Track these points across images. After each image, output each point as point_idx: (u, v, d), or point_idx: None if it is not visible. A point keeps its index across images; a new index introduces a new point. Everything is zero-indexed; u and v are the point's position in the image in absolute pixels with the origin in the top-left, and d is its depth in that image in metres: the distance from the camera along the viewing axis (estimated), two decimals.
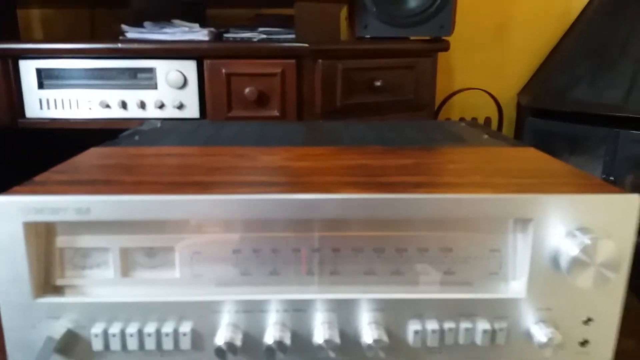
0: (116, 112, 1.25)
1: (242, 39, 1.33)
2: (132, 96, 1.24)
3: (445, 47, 1.39)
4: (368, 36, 1.32)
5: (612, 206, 0.42)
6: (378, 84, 1.24)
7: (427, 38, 1.38)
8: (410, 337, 0.44)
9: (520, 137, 1.56)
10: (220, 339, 0.43)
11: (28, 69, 1.22)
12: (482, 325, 0.43)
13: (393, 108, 1.30)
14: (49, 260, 0.44)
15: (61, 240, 0.44)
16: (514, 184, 0.46)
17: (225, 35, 1.38)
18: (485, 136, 0.66)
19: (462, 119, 1.73)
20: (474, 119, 1.69)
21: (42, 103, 1.25)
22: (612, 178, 1.31)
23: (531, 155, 0.56)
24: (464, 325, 0.43)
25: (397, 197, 0.42)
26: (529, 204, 0.42)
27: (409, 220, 0.44)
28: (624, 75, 1.30)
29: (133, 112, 1.24)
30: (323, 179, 0.47)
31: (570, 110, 1.38)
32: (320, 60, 1.18)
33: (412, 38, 1.36)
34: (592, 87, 1.36)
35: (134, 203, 0.41)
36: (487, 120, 1.67)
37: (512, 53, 1.66)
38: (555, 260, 0.42)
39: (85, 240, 0.44)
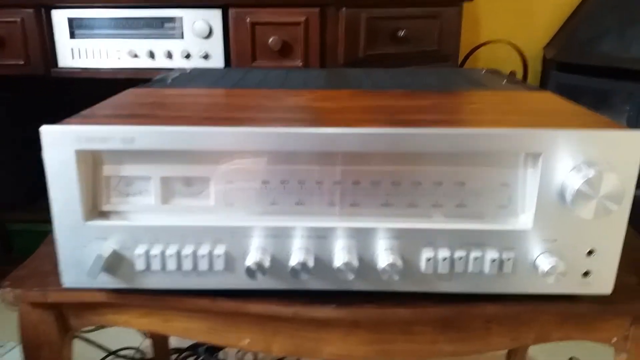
0: (144, 62, 1.28)
1: None
2: (160, 46, 1.27)
3: None
4: None
5: (617, 142, 0.44)
6: (401, 34, 1.25)
7: None
8: (422, 264, 0.48)
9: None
10: (250, 260, 0.47)
11: (60, 19, 1.26)
12: (491, 254, 0.47)
13: (416, 59, 1.31)
14: (96, 187, 0.49)
15: (107, 169, 0.48)
16: (526, 120, 0.48)
17: None
18: (504, 81, 0.68)
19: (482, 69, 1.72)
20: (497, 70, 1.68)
21: (74, 52, 1.29)
22: None
23: (547, 98, 0.58)
24: (474, 254, 0.47)
25: (414, 132, 0.45)
26: (538, 138, 0.44)
27: (425, 154, 0.47)
28: None
29: (160, 62, 1.27)
30: (344, 116, 0.50)
31: (596, 64, 1.37)
32: (344, 9, 1.18)
33: None
34: (619, 40, 1.33)
35: (173, 133, 0.45)
36: (512, 73, 1.66)
37: (539, 5, 1.63)
38: (561, 193, 0.45)
39: (129, 169, 0.48)
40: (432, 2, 1.31)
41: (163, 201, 0.49)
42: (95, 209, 0.49)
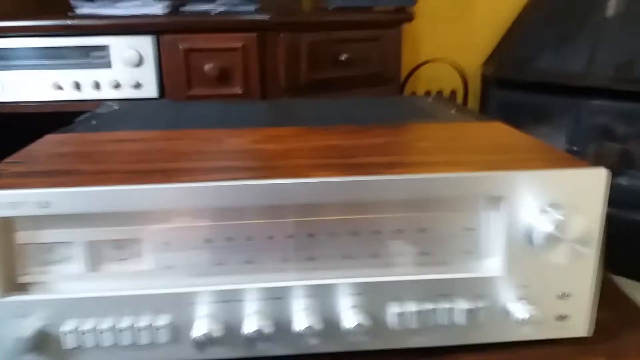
0: (69, 94, 1.19)
1: (200, 12, 1.29)
2: (86, 76, 1.18)
3: (410, 17, 1.38)
4: (332, 7, 1.29)
5: (581, 180, 0.42)
6: (343, 57, 1.22)
7: (392, 8, 1.37)
8: (389, 319, 0.44)
9: (485, 109, 1.57)
10: (198, 331, 0.41)
11: None
12: (461, 304, 0.43)
13: (359, 83, 1.29)
14: (9, 258, 0.42)
15: (21, 236, 0.42)
16: (483, 160, 0.45)
17: (182, 8, 1.33)
18: (453, 111, 0.66)
19: (427, 93, 1.73)
20: (440, 92, 1.70)
21: None
22: (575, 148, 1.35)
23: (498, 130, 0.56)
24: (443, 305, 0.43)
25: (370, 180, 0.41)
26: (498, 181, 0.41)
27: (382, 201, 0.43)
28: (586, 45, 1.32)
29: (87, 94, 1.19)
30: (294, 162, 0.46)
31: (534, 80, 1.40)
32: (282, 34, 1.15)
33: (376, 9, 1.34)
34: (554, 56, 1.37)
35: (96, 195, 0.39)
36: (453, 93, 1.68)
37: (477, 23, 1.66)
38: (529, 237, 0.42)
39: (47, 235, 0.42)
40: (372, 24, 1.30)
41: (90, 268, 0.43)
42: (11, 282, 0.42)
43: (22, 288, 0.42)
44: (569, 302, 0.45)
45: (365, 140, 0.52)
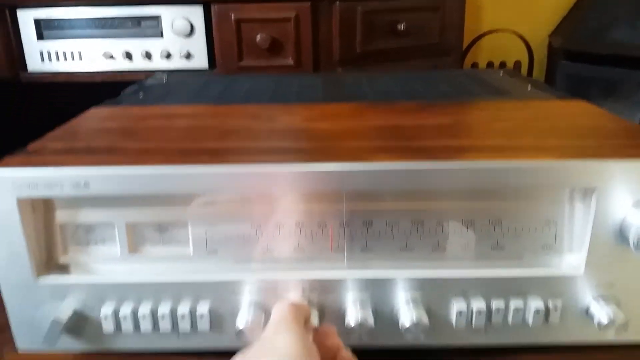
0: (121, 64, 1.18)
1: None
2: (137, 46, 1.17)
3: None
4: None
5: None
6: (401, 27, 1.15)
7: None
8: (453, 318, 0.39)
9: (551, 82, 1.47)
10: (242, 321, 0.38)
11: (26, 20, 1.15)
12: (535, 303, 0.39)
13: (417, 54, 1.22)
14: (50, 237, 0.40)
15: (61, 215, 0.39)
16: (572, 146, 0.40)
17: None
18: (529, 87, 0.59)
19: (490, 64, 1.63)
20: (503, 64, 1.60)
21: (44, 55, 1.19)
22: None
23: (584, 111, 0.50)
24: (514, 304, 0.39)
25: (437, 166, 0.36)
26: (591, 171, 0.36)
27: (451, 189, 0.38)
28: None
29: (138, 63, 1.17)
30: (350, 143, 0.41)
31: (607, 53, 1.29)
32: (337, 2, 1.09)
33: None
34: (629, 29, 1.26)
35: (137, 176, 0.36)
36: (517, 64, 1.57)
37: None
38: (620, 233, 0.37)
39: (87, 215, 0.39)
40: None
41: (131, 250, 0.40)
42: (50, 262, 0.40)
43: (62, 268, 0.40)
44: None
45: (431, 119, 0.47)
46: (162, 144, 0.42)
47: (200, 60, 1.16)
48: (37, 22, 1.16)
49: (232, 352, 0.36)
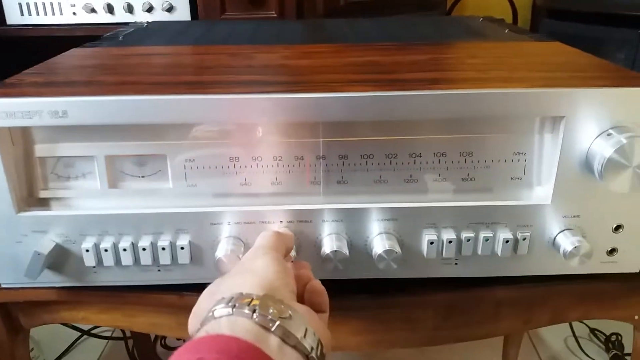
0: (102, 17, 1.16)
1: None
2: None
3: None
4: None
5: None
6: None
7: None
8: (424, 248, 0.41)
9: None
10: (221, 252, 0.40)
11: None
12: (504, 234, 0.40)
13: (402, 7, 1.20)
14: (30, 171, 0.40)
15: (41, 149, 0.40)
16: (542, 77, 0.41)
17: None
18: (507, 31, 0.60)
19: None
20: None
21: (23, 8, 1.16)
22: None
23: (558, 49, 0.51)
24: (484, 234, 0.40)
25: (411, 95, 0.37)
26: (559, 99, 0.37)
27: (424, 121, 0.39)
28: None
29: (120, 16, 1.15)
30: (326, 77, 0.42)
31: (590, 11, 1.28)
32: None
33: None
34: None
35: (115, 104, 0.36)
36: (501, 21, 1.57)
37: None
38: (586, 163, 0.38)
39: (67, 148, 0.40)
40: None
41: (111, 185, 0.41)
42: (31, 197, 0.41)
43: (42, 203, 0.41)
44: (623, 235, 0.41)
45: (408, 56, 0.48)
46: (139, 77, 0.42)
47: (182, 13, 1.15)
48: None
49: None
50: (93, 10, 1.16)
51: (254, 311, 0.27)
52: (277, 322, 0.27)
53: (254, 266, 0.33)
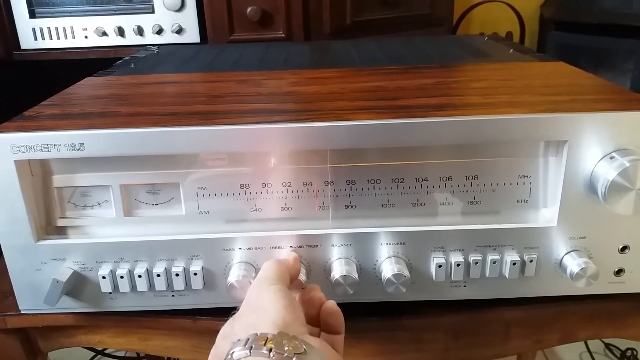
0: (113, 40, 1.18)
1: None
2: (129, 21, 1.17)
3: None
4: None
5: None
6: None
7: None
8: (433, 271, 0.41)
9: (543, 52, 1.47)
10: (233, 277, 0.40)
11: None
12: (511, 256, 0.41)
13: (408, 24, 1.22)
14: (48, 201, 0.42)
15: (58, 179, 0.41)
16: (545, 101, 0.41)
17: None
18: (511, 51, 0.61)
19: (482, 35, 1.62)
20: (495, 34, 1.59)
21: (36, 33, 1.19)
22: None
23: (561, 70, 0.51)
24: (491, 256, 0.41)
25: (417, 122, 0.38)
26: (563, 124, 0.37)
27: (430, 146, 0.40)
28: None
29: (131, 39, 1.18)
30: (334, 104, 0.43)
31: (597, 22, 1.29)
32: None
33: None
34: None
35: (130, 136, 0.38)
36: (509, 34, 1.57)
37: None
38: (590, 186, 0.38)
39: (83, 178, 0.41)
40: None
41: (126, 213, 0.42)
42: (49, 225, 0.42)
43: (60, 231, 0.42)
44: (630, 256, 0.41)
45: (414, 80, 0.49)
46: (152, 108, 0.43)
47: (192, 35, 1.17)
48: (29, 0, 1.16)
49: (225, 309, 0.39)
50: (104, 34, 1.19)
51: (270, 350, 0.28)
52: (294, 359, 0.28)
53: (262, 302, 0.33)
